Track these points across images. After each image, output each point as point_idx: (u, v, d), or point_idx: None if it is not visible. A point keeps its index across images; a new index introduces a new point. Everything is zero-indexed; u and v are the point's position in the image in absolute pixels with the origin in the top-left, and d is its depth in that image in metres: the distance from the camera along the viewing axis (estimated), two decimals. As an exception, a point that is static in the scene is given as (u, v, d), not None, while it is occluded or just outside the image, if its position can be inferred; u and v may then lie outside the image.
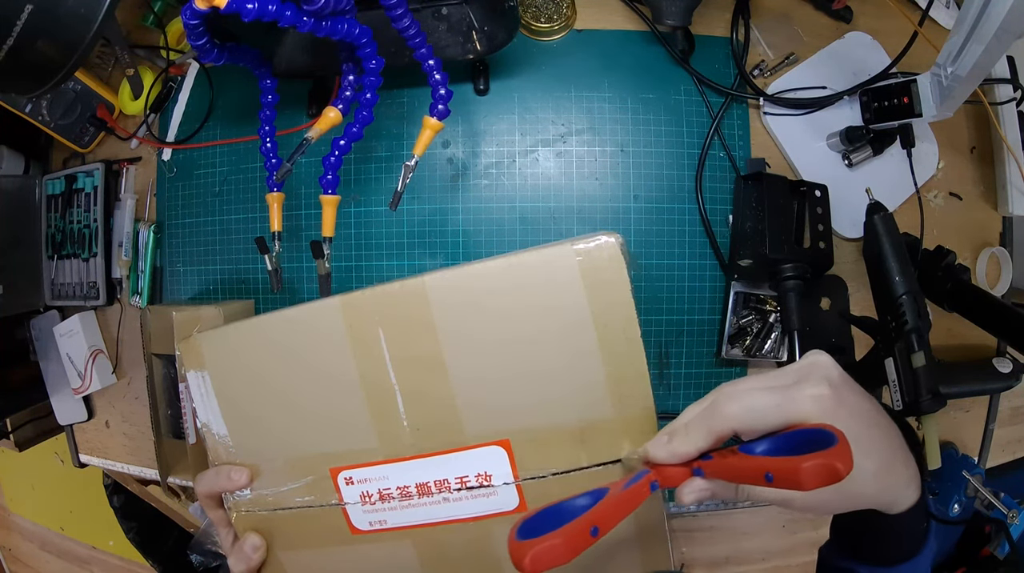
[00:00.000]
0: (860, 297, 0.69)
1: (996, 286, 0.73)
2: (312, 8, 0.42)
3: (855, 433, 0.28)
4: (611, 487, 0.32)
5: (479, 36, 0.56)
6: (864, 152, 0.68)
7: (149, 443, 0.70)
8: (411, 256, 0.69)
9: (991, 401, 0.76)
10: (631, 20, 0.69)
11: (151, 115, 0.75)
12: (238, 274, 0.73)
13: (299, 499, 0.44)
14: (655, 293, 0.67)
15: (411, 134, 0.69)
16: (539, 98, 0.68)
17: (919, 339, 0.53)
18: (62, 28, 0.44)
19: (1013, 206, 0.71)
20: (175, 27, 0.74)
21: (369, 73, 0.50)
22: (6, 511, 1.62)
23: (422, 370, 0.40)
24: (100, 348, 0.79)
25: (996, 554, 0.74)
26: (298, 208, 0.71)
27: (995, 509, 0.66)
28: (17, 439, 0.92)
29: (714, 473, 0.31)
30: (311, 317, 0.42)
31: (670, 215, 0.68)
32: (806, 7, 0.71)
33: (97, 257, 0.76)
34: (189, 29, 0.44)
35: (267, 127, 0.61)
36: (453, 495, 0.41)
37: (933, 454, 0.63)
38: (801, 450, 0.27)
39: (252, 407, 0.44)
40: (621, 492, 0.31)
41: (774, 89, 0.68)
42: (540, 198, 0.68)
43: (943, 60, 0.53)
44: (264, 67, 0.59)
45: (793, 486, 0.26)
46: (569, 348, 0.38)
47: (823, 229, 0.63)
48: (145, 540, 1.11)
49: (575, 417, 0.39)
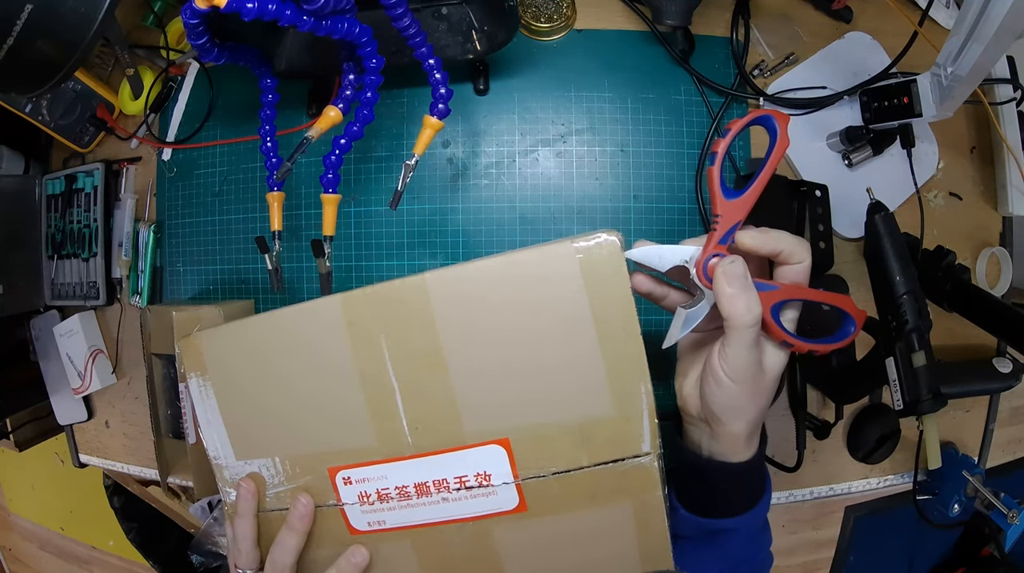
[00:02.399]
0: (861, 297, 0.69)
1: (996, 286, 0.73)
2: (312, 7, 0.42)
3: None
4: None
5: (479, 36, 0.56)
6: (864, 152, 0.68)
7: (149, 443, 0.70)
8: (411, 256, 0.69)
9: (991, 401, 0.76)
10: (631, 20, 0.69)
11: (151, 115, 0.75)
12: (238, 274, 0.73)
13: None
14: (655, 293, 0.67)
15: (411, 133, 0.69)
16: (539, 98, 0.68)
17: (920, 339, 0.53)
18: (62, 28, 0.44)
19: (1013, 206, 0.71)
20: (175, 27, 0.74)
21: (369, 72, 0.50)
22: (6, 511, 1.62)
23: (422, 369, 0.40)
24: (100, 348, 0.79)
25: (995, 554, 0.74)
26: (298, 207, 0.71)
27: (995, 509, 0.66)
28: (17, 439, 0.92)
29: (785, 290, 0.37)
30: (311, 316, 0.42)
31: (670, 215, 0.68)
32: (806, 7, 0.71)
33: (97, 257, 0.76)
34: (189, 29, 0.44)
35: (267, 127, 0.61)
36: (452, 495, 0.41)
37: (933, 454, 0.64)
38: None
39: (251, 406, 0.44)
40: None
41: (774, 89, 0.68)
42: (540, 198, 0.68)
43: (943, 60, 0.53)
44: (264, 67, 0.59)
45: (842, 304, 0.39)
46: (569, 346, 0.38)
47: (823, 229, 0.63)
48: (145, 540, 1.11)
49: (575, 416, 0.39)
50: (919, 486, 0.70)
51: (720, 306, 0.35)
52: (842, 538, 0.79)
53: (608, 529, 0.41)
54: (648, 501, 0.40)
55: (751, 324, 0.35)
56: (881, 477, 0.73)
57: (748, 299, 0.35)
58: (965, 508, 0.69)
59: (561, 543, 0.42)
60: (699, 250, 0.37)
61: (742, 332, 0.35)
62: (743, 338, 0.35)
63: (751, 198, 0.37)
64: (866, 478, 0.73)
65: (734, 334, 0.35)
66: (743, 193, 0.37)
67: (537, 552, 0.42)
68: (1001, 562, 0.78)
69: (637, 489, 0.40)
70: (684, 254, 0.38)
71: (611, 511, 0.40)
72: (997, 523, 0.67)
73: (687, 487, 0.44)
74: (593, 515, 0.41)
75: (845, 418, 0.70)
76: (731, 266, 0.35)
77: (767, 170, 0.37)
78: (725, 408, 0.38)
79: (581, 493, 0.40)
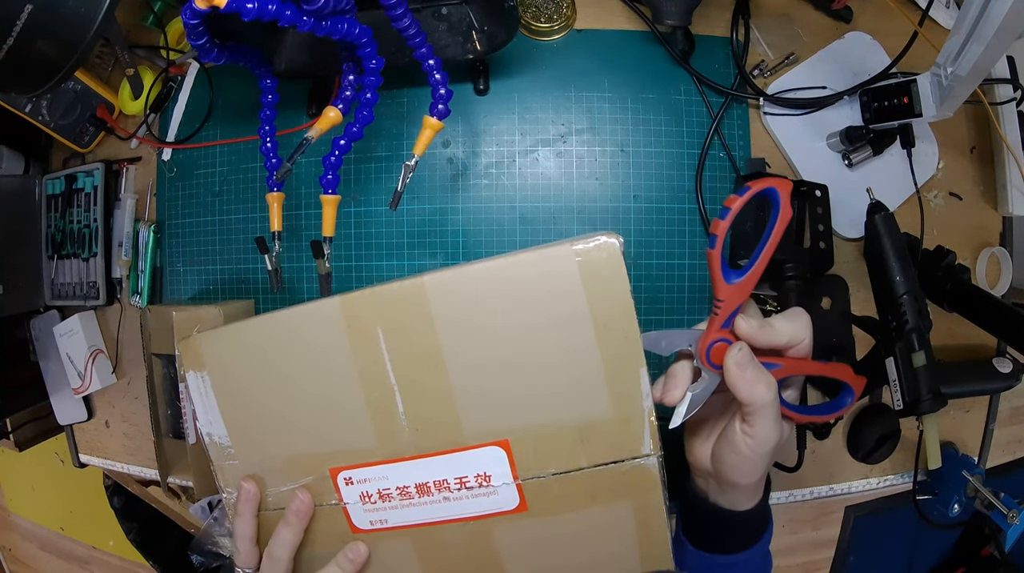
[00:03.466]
0: (861, 297, 0.69)
1: (996, 286, 0.73)
2: (312, 8, 0.42)
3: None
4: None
5: (479, 36, 0.56)
6: (864, 152, 0.68)
7: (149, 443, 0.70)
8: (411, 256, 0.69)
9: (991, 401, 0.76)
10: (631, 20, 0.69)
11: (151, 115, 0.75)
12: (238, 274, 0.73)
13: (299, 499, 0.44)
14: (655, 293, 0.67)
15: (411, 134, 0.69)
16: (539, 98, 0.68)
17: (920, 339, 0.53)
18: (62, 28, 0.44)
19: (1013, 206, 0.71)
20: (175, 27, 0.74)
21: (369, 73, 0.50)
22: (6, 511, 1.62)
23: (421, 370, 0.40)
24: (100, 348, 0.79)
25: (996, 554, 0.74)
26: (298, 208, 0.71)
27: (995, 509, 0.66)
28: (17, 439, 0.92)
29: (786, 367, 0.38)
30: (311, 317, 0.42)
31: (670, 215, 0.68)
32: (806, 7, 0.71)
33: (97, 257, 0.76)
34: (189, 29, 0.44)
35: (267, 127, 0.61)
36: (453, 494, 0.41)
37: (933, 454, 0.64)
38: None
39: (252, 407, 0.44)
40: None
41: (774, 89, 0.68)
42: (540, 198, 0.68)
43: (943, 60, 0.53)
44: (264, 67, 0.59)
45: (842, 376, 0.40)
46: (568, 348, 0.38)
47: (823, 229, 0.63)
48: (145, 541, 1.11)
49: (574, 417, 0.39)
50: (919, 486, 0.70)
51: (739, 393, 0.36)
52: (842, 538, 0.79)
53: (608, 529, 0.41)
54: (648, 501, 0.40)
55: (772, 401, 0.37)
56: (881, 477, 0.73)
57: (765, 380, 0.36)
58: (965, 508, 0.69)
59: (561, 543, 0.42)
60: (701, 334, 0.38)
61: (767, 410, 0.37)
62: (768, 415, 0.37)
63: (752, 280, 0.37)
64: (866, 478, 0.73)
65: (760, 414, 0.37)
66: (744, 275, 0.37)
67: (537, 551, 0.42)
68: (1001, 562, 0.78)
69: (637, 490, 0.40)
70: (687, 339, 0.38)
71: (611, 511, 0.40)
72: (997, 523, 0.67)
73: (693, 525, 0.46)
74: (593, 515, 0.41)
75: (845, 418, 0.70)
76: (740, 354, 0.36)
77: (769, 246, 0.36)
78: (740, 474, 0.40)
79: (581, 493, 0.40)
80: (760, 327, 0.37)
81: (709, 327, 0.38)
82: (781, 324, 0.38)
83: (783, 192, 0.35)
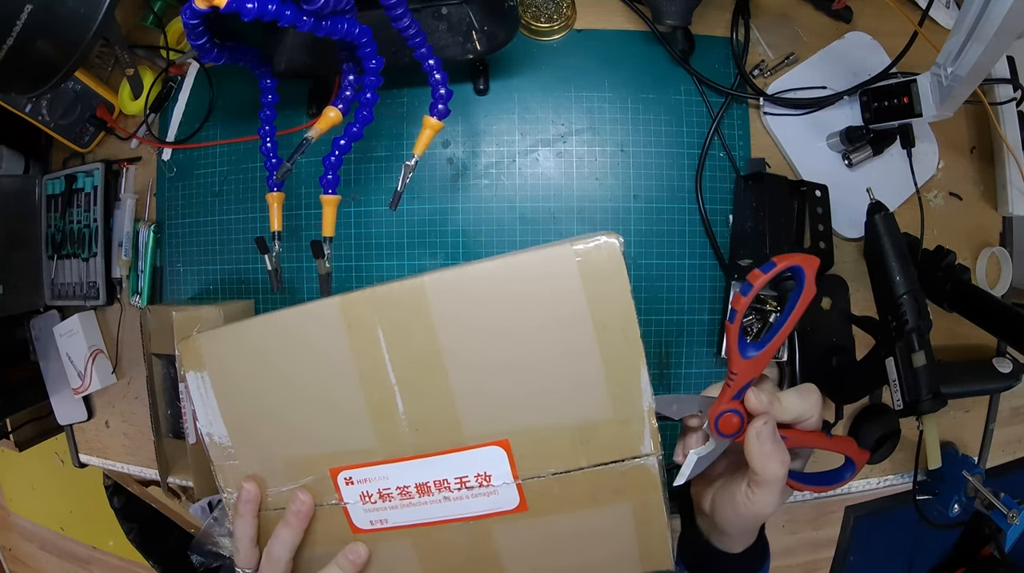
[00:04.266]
0: (861, 297, 0.69)
1: (996, 286, 0.73)
2: (312, 8, 0.42)
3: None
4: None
5: (479, 36, 0.56)
6: (864, 152, 0.68)
7: (149, 443, 0.70)
8: (411, 256, 0.69)
9: (991, 401, 0.76)
10: (631, 20, 0.69)
11: (151, 115, 0.75)
12: (238, 274, 0.73)
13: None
14: (655, 293, 0.67)
15: (411, 134, 0.69)
16: (539, 98, 0.68)
17: (920, 339, 0.53)
18: (62, 28, 0.44)
19: (1013, 206, 0.71)
20: (175, 27, 0.74)
21: (369, 73, 0.50)
22: (6, 511, 1.62)
23: (421, 370, 0.40)
24: (100, 348, 0.79)
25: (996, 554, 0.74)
26: (298, 208, 0.71)
27: (995, 509, 0.66)
28: (17, 439, 0.92)
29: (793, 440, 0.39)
30: (311, 317, 0.42)
31: (670, 215, 0.68)
32: (806, 7, 0.71)
33: (97, 257, 0.76)
34: (189, 29, 0.44)
35: (267, 127, 0.61)
36: (453, 494, 0.41)
37: (933, 454, 0.63)
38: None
39: (252, 407, 0.44)
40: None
41: (774, 89, 0.68)
42: (540, 198, 0.68)
43: (943, 60, 0.53)
44: (264, 67, 0.59)
45: (845, 450, 0.41)
46: (568, 348, 0.38)
47: (823, 229, 0.63)
48: (146, 541, 1.11)
49: (574, 417, 0.39)
50: (919, 486, 0.70)
51: (753, 463, 0.37)
52: (842, 538, 0.79)
53: (609, 529, 0.41)
54: (648, 502, 0.40)
55: (783, 477, 0.38)
56: (881, 477, 0.73)
57: (782, 456, 0.37)
58: (965, 508, 0.69)
59: (561, 543, 0.42)
60: (711, 401, 0.39)
61: (775, 484, 0.38)
62: (775, 489, 0.38)
63: (767, 356, 0.37)
64: (866, 478, 0.73)
65: (767, 485, 0.38)
66: (761, 350, 0.37)
67: (537, 551, 0.42)
68: (1001, 562, 0.78)
69: (637, 490, 0.40)
70: (697, 405, 0.39)
71: (612, 511, 0.40)
72: (997, 523, 0.67)
73: (690, 556, 0.48)
74: (594, 515, 0.41)
75: (845, 418, 0.70)
76: (764, 428, 0.37)
77: (789, 323, 0.36)
78: (734, 528, 0.42)
79: (581, 493, 0.40)
80: (770, 403, 0.38)
81: (721, 396, 0.38)
82: (791, 401, 0.39)
83: (809, 270, 0.35)
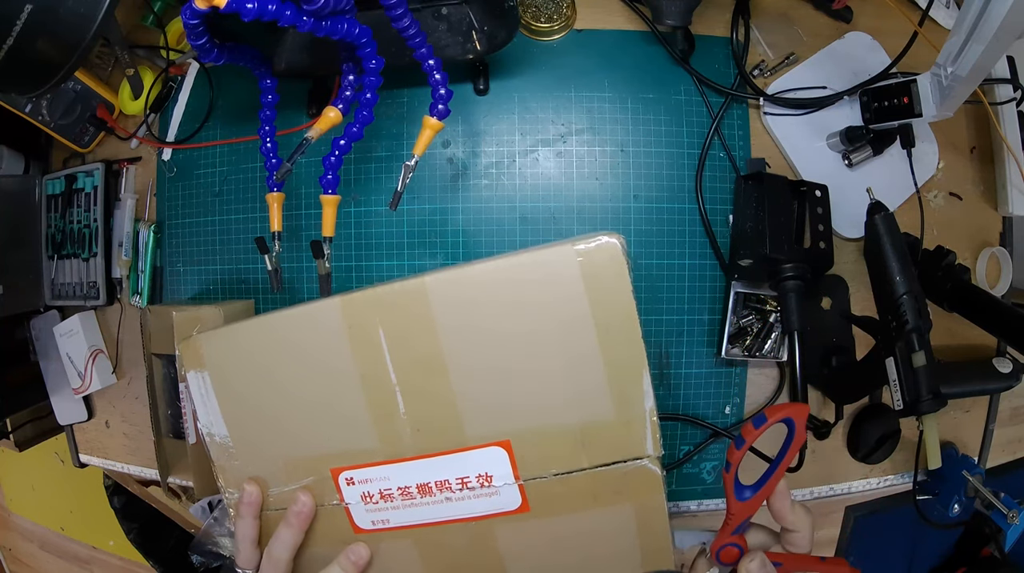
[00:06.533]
0: (861, 297, 0.69)
1: (996, 286, 0.73)
2: (312, 8, 0.42)
3: None
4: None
5: (479, 36, 0.56)
6: (864, 152, 0.68)
7: (149, 443, 0.70)
8: (411, 256, 0.69)
9: (991, 401, 0.76)
10: (631, 20, 0.69)
11: (151, 115, 0.75)
12: (238, 274, 0.73)
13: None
14: (655, 293, 0.67)
15: (411, 134, 0.69)
16: (539, 98, 0.68)
17: (920, 339, 0.53)
18: (62, 28, 0.44)
19: (1013, 206, 0.71)
20: (175, 27, 0.74)
21: (369, 73, 0.50)
22: (6, 511, 1.62)
23: (423, 370, 0.40)
24: (100, 348, 0.79)
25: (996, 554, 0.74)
26: (298, 208, 0.71)
27: (995, 509, 0.66)
28: (17, 439, 0.92)
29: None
30: (311, 317, 0.42)
31: (670, 215, 0.68)
32: (806, 7, 0.71)
33: (97, 257, 0.76)
34: (189, 29, 0.44)
35: (267, 127, 0.61)
36: (455, 495, 0.41)
37: (933, 454, 0.64)
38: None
39: (252, 407, 0.44)
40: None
41: (774, 89, 0.68)
42: (540, 198, 0.68)
43: (943, 60, 0.53)
44: (264, 67, 0.59)
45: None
46: (570, 349, 0.38)
47: (823, 229, 0.63)
48: (146, 541, 1.11)
49: (576, 418, 0.39)
50: (919, 486, 0.70)
51: None
52: (842, 538, 0.79)
53: (610, 529, 0.41)
54: (649, 502, 0.40)
55: None
56: (881, 477, 0.73)
57: None
58: (965, 508, 0.69)
59: (563, 543, 0.42)
60: (714, 536, 0.42)
61: None
62: None
63: (760, 499, 0.40)
64: (866, 478, 0.73)
65: None
66: (754, 494, 0.40)
67: (539, 551, 0.42)
68: (1001, 562, 0.78)
69: (638, 491, 0.40)
70: (701, 538, 0.43)
71: (613, 512, 0.40)
72: (997, 523, 0.67)
73: None
74: (595, 515, 0.41)
75: (845, 418, 0.70)
76: (752, 564, 0.40)
77: (780, 470, 0.40)
78: None
79: (583, 494, 0.40)
80: (769, 538, 0.43)
81: (721, 532, 0.42)
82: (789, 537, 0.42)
83: (799, 421, 0.38)
